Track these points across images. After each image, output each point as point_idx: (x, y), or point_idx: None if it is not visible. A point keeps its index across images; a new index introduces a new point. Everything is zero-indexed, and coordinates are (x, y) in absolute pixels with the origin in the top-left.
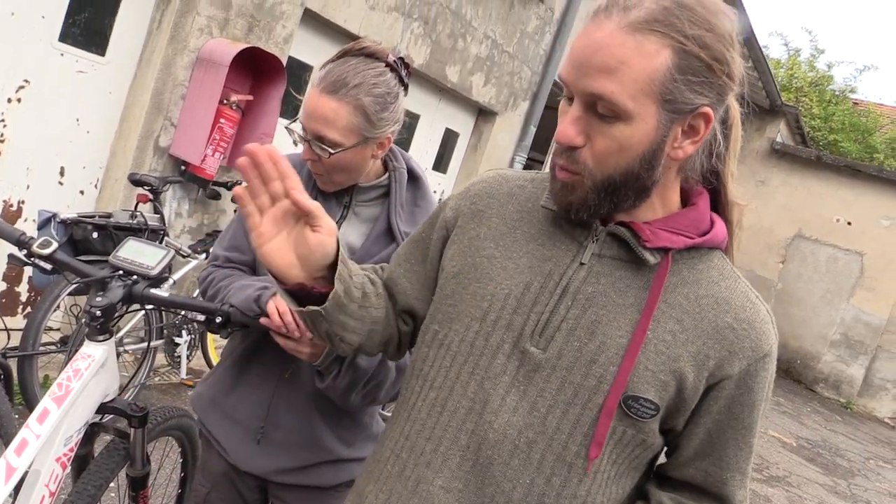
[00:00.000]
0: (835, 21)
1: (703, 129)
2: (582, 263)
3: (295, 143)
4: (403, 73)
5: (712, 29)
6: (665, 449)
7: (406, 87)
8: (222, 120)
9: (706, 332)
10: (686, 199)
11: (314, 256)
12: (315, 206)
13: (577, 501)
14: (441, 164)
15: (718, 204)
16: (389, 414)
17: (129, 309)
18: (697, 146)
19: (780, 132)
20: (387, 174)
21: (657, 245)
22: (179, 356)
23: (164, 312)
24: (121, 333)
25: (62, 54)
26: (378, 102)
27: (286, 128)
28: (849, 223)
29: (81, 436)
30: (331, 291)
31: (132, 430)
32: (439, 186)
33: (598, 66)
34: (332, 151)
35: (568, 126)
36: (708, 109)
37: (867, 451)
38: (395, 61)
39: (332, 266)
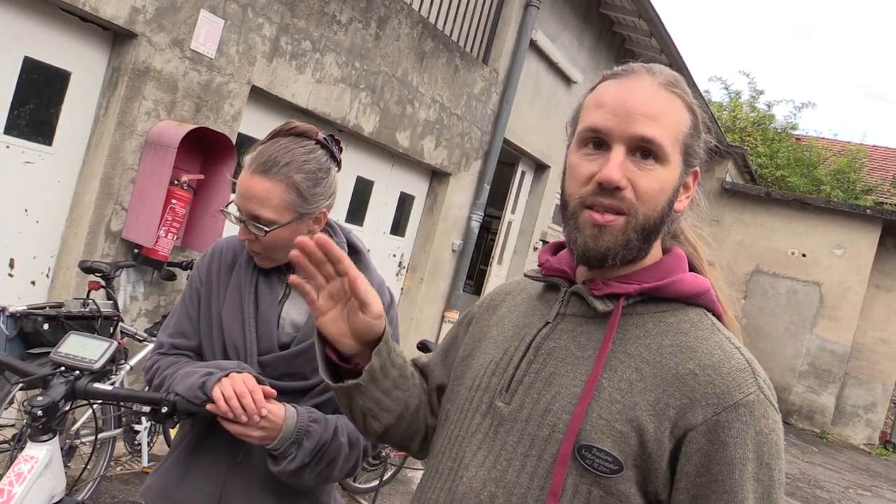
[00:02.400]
0: (770, 62)
1: (692, 186)
2: (548, 322)
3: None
4: (334, 149)
5: (696, 97)
6: None
7: (338, 163)
8: (174, 200)
9: (665, 380)
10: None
11: (362, 334)
12: (367, 295)
13: None
14: (398, 227)
15: (700, 262)
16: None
17: (74, 405)
18: (689, 201)
19: (728, 172)
20: None
21: (605, 292)
22: (140, 444)
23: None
24: (77, 425)
25: (7, 146)
26: (310, 178)
27: (221, 210)
28: (803, 255)
29: None
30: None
31: None
32: (398, 250)
33: (648, 114)
34: (268, 230)
35: (616, 169)
36: (697, 168)
37: (846, 479)
38: (324, 138)
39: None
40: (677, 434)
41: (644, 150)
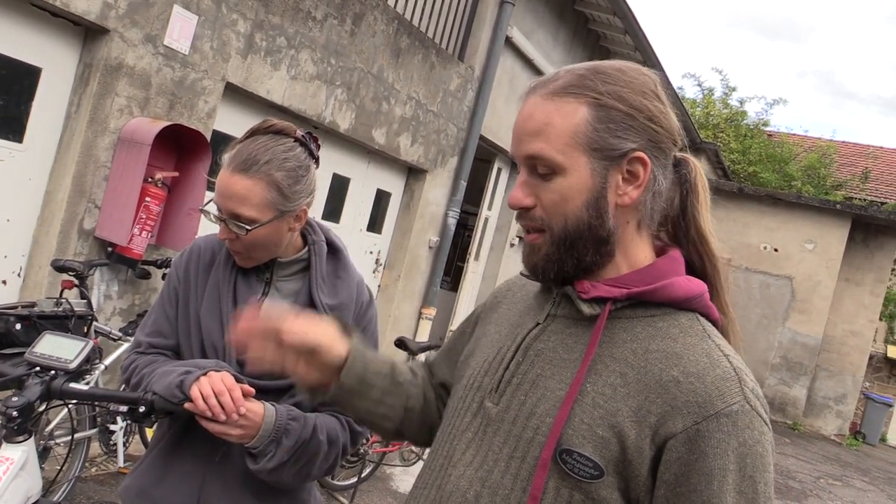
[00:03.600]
0: (744, 59)
1: (642, 174)
2: (538, 324)
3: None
4: (312, 146)
5: (627, 84)
6: None
7: (317, 160)
8: (148, 198)
9: (648, 387)
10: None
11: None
12: (313, 342)
13: None
14: (375, 224)
15: (704, 264)
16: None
17: (50, 406)
18: (641, 191)
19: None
20: (306, 248)
21: (592, 295)
22: (115, 444)
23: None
24: (51, 426)
25: None
26: (290, 176)
27: (200, 210)
28: (775, 250)
29: None
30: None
31: None
32: (375, 247)
33: (529, 132)
34: (249, 228)
35: (517, 190)
36: (641, 154)
37: (817, 470)
38: (302, 136)
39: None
40: (658, 442)
41: (536, 166)
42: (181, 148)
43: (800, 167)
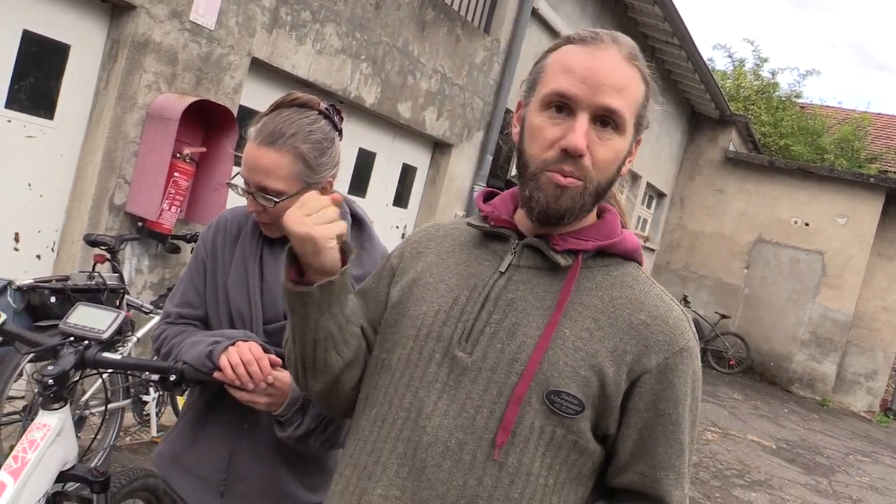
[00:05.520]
0: (775, 30)
1: (635, 151)
2: (501, 273)
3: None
4: (336, 119)
5: (649, 67)
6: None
7: (340, 133)
8: (176, 174)
9: (622, 329)
10: (599, 216)
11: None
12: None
13: None
14: (401, 199)
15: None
16: None
17: (84, 374)
18: (630, 165)
19: (731, 141)
20: None
21: (566, 248)
22: (148, 414)
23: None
24: (86, 396)
25: (9, 121)
26: (316, 148)
27: (228, 183)
28: (806, 224)
29: None
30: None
31: (94, 496)
32: (401, 221)
33: (614, 86)
34: (277, 200)
35: (581, 137)
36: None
37: (846, 446)
38: (326, 108)
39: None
40: (632, 377)
41: (606, 119)
42: (208, 123)
43: (833, 140)
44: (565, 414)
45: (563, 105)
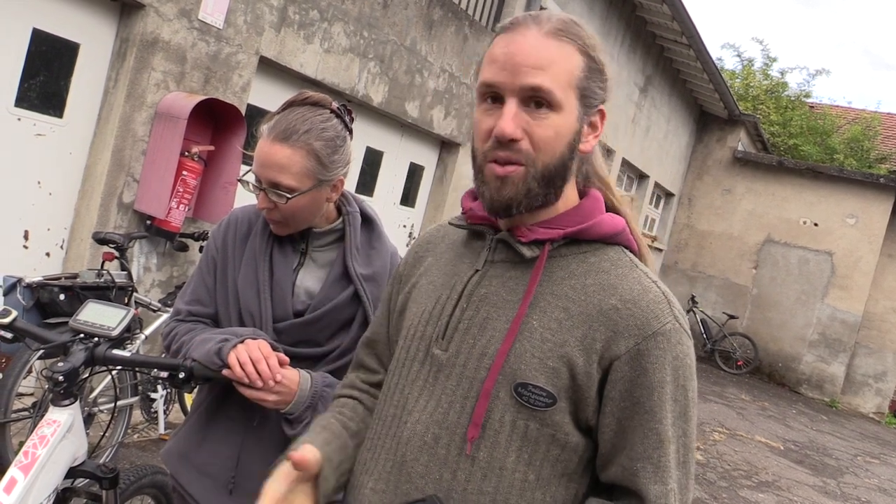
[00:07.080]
0: (784, 29)
1: (600, 126)
2: (477, 270)
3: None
4: (347, 118)
5: (595, 40)
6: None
7: (351, 132)
8: (185, 172)
9: (591, 317)
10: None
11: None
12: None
13: (486, 499)
14: (409, 198)
15: (613, 202)
16: None
17: (94, 371)
18: (597, 141)
19: (740, 141)
20: (341, 218)
21: (531, 238)
22: (156, 411)
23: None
24: (94, 393)
25: (19, 119)
26: (329, 146)
27: (239, 180)
28: (815, 224)
29: (52, 502)
30: None
31: (104, 492)
32: (408, 220)
33: (532, 65)
34: (289, 196)
35: (508, 122)
36: (603, 107)
37: (854, 447)
38: (338, 108)
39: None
40: (604, 365)
41: (535, 99)
42: (216, 122)
43: (842, 140)
44: (535, 407)
45: (495, 95)
